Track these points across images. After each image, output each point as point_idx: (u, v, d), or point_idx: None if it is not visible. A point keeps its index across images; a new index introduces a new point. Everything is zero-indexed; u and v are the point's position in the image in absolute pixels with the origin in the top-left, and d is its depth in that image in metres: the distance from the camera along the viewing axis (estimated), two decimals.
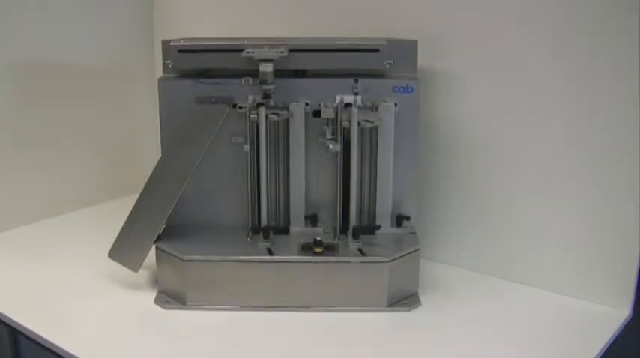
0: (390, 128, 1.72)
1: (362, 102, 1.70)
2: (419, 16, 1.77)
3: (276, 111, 1.69)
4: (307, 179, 1.75)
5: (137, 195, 1.71)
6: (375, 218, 1.74)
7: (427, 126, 1.84)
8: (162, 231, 1.69)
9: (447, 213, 1.90)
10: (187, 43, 1.69)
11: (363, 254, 1.62)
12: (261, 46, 1.59)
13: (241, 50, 1.60)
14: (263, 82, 1.63)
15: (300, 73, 1.74)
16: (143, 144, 2.42)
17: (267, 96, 1.64)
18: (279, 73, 1.64)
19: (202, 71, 1.74)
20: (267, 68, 1.61)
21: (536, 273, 1.75)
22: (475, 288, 1.76)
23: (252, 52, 1.58)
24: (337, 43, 1.66)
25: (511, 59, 1.68)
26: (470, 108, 1.79)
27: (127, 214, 1.70)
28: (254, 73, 1.63)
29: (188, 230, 1.73)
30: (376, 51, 1.70)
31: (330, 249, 1.64)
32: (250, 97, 1.70)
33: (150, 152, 2.21)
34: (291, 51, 1.63)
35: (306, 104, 1.72)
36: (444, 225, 1.90)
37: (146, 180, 1.70)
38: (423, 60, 1.75)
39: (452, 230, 1.87)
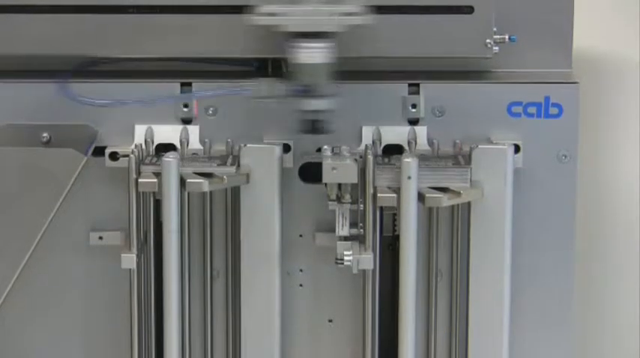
0: (504, 208, 1.16)
1: (429, 142, 1.22)
2: None
3: (210, 166, 1.17)
4: (285, 342, 1.23)
5: None
6: None
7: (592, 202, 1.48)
8: None
9: None
10: None
11: None
12: None
13: (121, 7, 1.21)
14: (306, 92, 1.15)
15: (272, 68, 1.27)
16: None
17: (317, 129, 1.17)
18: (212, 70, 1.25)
19: (20, 62, 1.27)
20: (316, 57, 1.10)
21: None
22: None
23: (281, 16, 1.16)
24: None
25: None
26: None
27: None
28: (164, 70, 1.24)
29: None
30: (468, 9, 1.18)
31: None
32: (140, 130, 1.20)
33: None
34: None
35: (286, 147, 1.20)
36: None
37: None
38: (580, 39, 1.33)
39: None
